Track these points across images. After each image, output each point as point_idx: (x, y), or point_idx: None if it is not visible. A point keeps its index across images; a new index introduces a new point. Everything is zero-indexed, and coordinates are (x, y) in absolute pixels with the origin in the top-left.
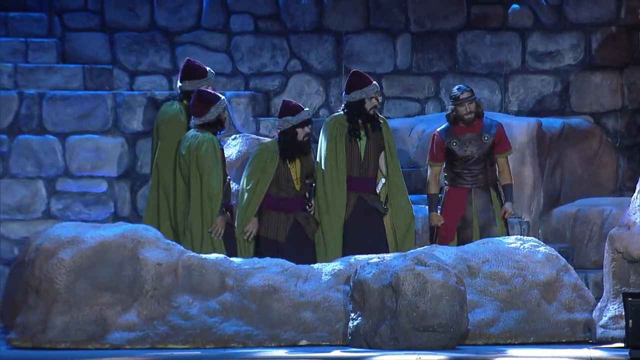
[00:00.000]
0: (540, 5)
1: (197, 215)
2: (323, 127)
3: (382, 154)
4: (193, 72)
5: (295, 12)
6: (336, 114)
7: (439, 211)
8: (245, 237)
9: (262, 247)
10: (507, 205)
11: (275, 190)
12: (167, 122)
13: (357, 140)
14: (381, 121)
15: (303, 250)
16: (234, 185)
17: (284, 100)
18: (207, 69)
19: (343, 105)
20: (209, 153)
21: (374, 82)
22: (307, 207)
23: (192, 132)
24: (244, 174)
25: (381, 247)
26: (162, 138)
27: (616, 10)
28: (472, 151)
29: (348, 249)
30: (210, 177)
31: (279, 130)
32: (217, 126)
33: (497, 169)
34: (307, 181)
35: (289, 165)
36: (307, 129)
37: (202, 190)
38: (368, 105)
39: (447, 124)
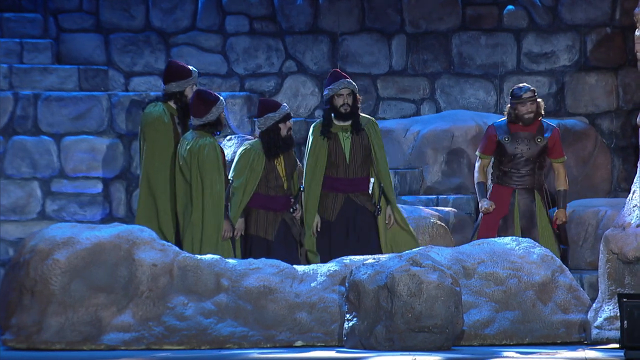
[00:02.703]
0: (535, 6)
1: (199, 219)
2: (310, 129)
3: (371, 154)
4: (177, 72)
5: (290, 13)
6: None
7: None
8: (234, 236)
9: (254, 246)
10: (560, 212)
11: (264, 189)
12: (151, 124)
13: (340, 141)
14: (367, 121)
15: (290, 251)
16: None
17: (260, 100)
18: (191, 68)
19: None
20: (211, 157)
21: (344, 79)
22: (292, 210)
23: (191, 133)
24: (230, 174)
25: (372, 246)
26: (147, 140)
27: (611, 11)
28: (522, 150)
29: (336, 250)
30: (213, 181)
31: (260, 130)
32: (217, 126)
33: (552, 174)
34: (299, 186)
35: (275, 163)
36: (288, 124)
37: (204, 194)
38: (337, 102)
39: (503, 119)
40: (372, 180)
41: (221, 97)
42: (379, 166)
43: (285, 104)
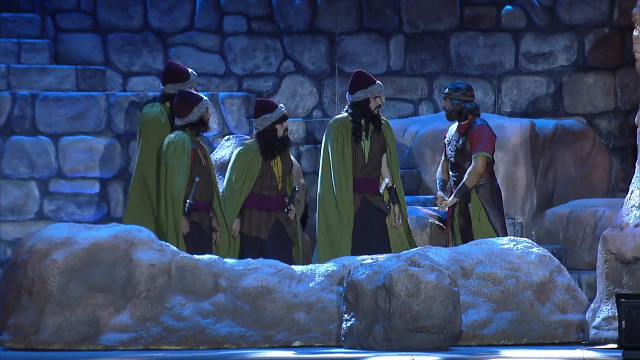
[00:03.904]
0: (533, 6)
1: (162, 214)
2: (327, 129)
3: (384, 155)
4: (175, 74)
5: (288, 13)
6: (339, 115)
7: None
8: (232, 235)
9: (246, 245)
10: (439, 197)
11: (258, 189)
12: (148, 124)
13: (361, 141)
14: (383, 122)
15: (284, 250)
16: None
17: (257, 100)
18: (190, 70)
19: (347, 106)
20: (177, 152)
21: (378, 81)
22: (286, 210)
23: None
24: (227, 174)
25: (385, 247)
26: (143, 140)
27: (609, 11)
28: (449, 151)
29: (353, 249)
30: (174, 176)
31: (257, 131)
32: (200, 126)
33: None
34: (293, 187)
35: (271, 163)
36: (285, 125)
37: (166, 190)
38: (373, 105)
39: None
40: (386, 180)
41: (205, 98)
42: (393, 167)
43: (282, 105)
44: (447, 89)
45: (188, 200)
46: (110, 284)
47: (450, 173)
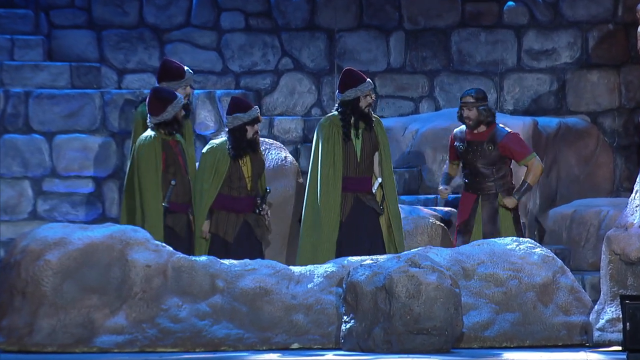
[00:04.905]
0: (535, 2)
1: (138, 222)
2: (317, 127)
3: (376, 153)
4: (171, 72)
5: (286, 10)
6: (330, 114)
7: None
8: (203, 237)
9: (214, 246)
10: (507, 198)
11: (226, 190)
12: (142, 123)
13: (352, 140)
14: (374, 120)
15: (252, 252)
16: None
17: (232, 97)
18: (185, 68)
19: (337, 104)
20: (148, 157)
21: (368, 79)
22: (258, 211)
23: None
24: (197, 174)
25: (378, 247)
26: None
27: (613, 7)
28: (474, 159)
29: (346, 250)
30: (146, 182)
31: (227, 128)
32: (174, 125)
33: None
34: (265, 188)
35: (240, 163)
36: (256, 127)
37: (141, 196)
38: (363, 103)
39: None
40: (379, 180)
41: (179, 96)
42: (385, 165)
43: (256, 107)
44: (469, 97)
45: (162, 204)
46: (105, 285)
47: (466, 181)
